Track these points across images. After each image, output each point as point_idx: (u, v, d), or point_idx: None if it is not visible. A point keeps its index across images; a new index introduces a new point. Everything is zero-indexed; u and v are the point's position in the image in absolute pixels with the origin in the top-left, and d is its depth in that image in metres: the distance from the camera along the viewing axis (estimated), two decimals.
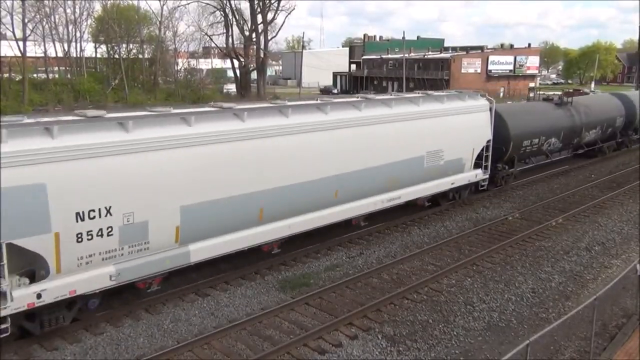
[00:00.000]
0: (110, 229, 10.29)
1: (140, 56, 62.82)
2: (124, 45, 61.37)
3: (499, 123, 20.90)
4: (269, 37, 67.12)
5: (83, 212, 9.87)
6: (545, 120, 24.26)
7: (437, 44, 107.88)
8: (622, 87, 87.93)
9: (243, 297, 12.69)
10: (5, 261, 9.10)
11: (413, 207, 18.54)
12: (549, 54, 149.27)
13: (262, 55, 66.71)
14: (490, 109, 19.99)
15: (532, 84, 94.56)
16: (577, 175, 26.69)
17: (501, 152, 21.51)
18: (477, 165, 20.05)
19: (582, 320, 11.09)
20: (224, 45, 69.11)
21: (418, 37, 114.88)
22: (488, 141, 20.06)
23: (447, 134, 18.08)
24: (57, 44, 58.54)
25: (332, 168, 14.44)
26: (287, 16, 71.04)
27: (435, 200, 19.35)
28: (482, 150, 19.97)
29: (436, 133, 17.67)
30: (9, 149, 9.01)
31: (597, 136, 29.10)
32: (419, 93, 19.15)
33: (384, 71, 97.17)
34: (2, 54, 52.67)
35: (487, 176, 20.61)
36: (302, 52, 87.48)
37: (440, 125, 17.73)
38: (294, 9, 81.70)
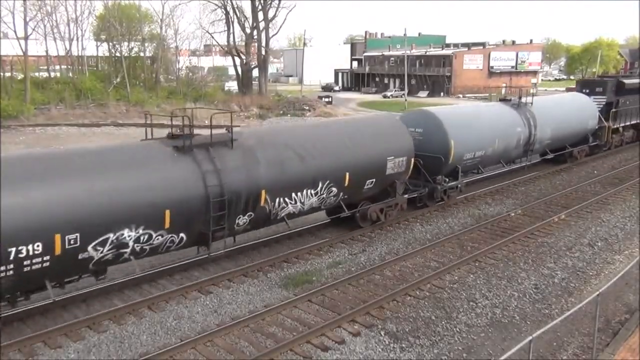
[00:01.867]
0: None
1: (142, 54, 62.90)
2: (126, 44, 61.46)
3: None
4: (270, 35, 67.09)
5: None
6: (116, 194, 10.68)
7: (439, 41, 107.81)
8: None
9: (246, 294, 12.71)
10: None
11: None
12: (551, 50, 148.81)
13: (263, 52, 66.58)
14: None
15: (534, 80, 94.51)
16: (579, 171, 26.63)
17: None
18: None
19: (585, 316, 11.12)
20: (225, 43, 69.06)
21: (420, 34, 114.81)
22: None
23: None
24: (59, 43, 58.69)
25: None
26: (288, 13, 71.26)
27: None
28: None
29: None
30: None
31: (329, 200, 15.10)
32: None
33: (385, 68, 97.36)
34: (4, 53, 52.80)
35: None
36: (303, 49, 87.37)
37: None
38: (295, 6, 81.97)
